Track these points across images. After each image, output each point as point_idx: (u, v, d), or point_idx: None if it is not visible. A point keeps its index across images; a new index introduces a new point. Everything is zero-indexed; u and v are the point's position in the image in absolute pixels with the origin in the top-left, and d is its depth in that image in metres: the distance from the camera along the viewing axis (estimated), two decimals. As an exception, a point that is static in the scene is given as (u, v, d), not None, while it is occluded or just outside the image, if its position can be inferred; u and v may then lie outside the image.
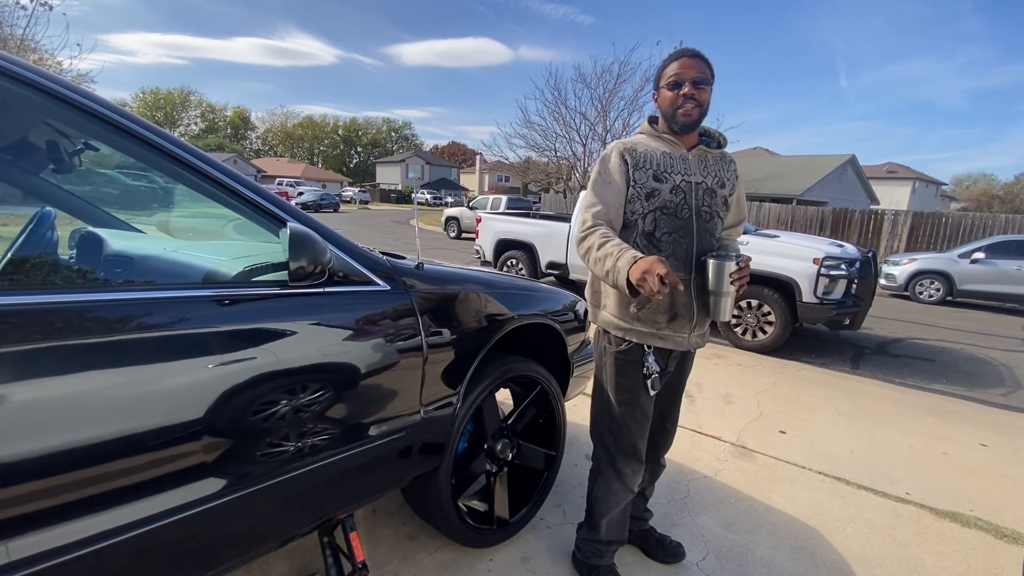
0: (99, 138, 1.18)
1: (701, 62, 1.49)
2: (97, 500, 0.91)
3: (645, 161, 1.54)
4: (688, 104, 1.49)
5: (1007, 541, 2.20)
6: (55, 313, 0.89)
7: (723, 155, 1.64)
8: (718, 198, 1.58)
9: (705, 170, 1.57)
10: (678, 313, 1.56)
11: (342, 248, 1.36)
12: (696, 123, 1.53)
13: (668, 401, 1.76)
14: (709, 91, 1.51)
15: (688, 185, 1.54)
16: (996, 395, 4.34)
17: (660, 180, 1.53)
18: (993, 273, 9.05)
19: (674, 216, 1.53)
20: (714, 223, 1.57)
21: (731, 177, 1.63)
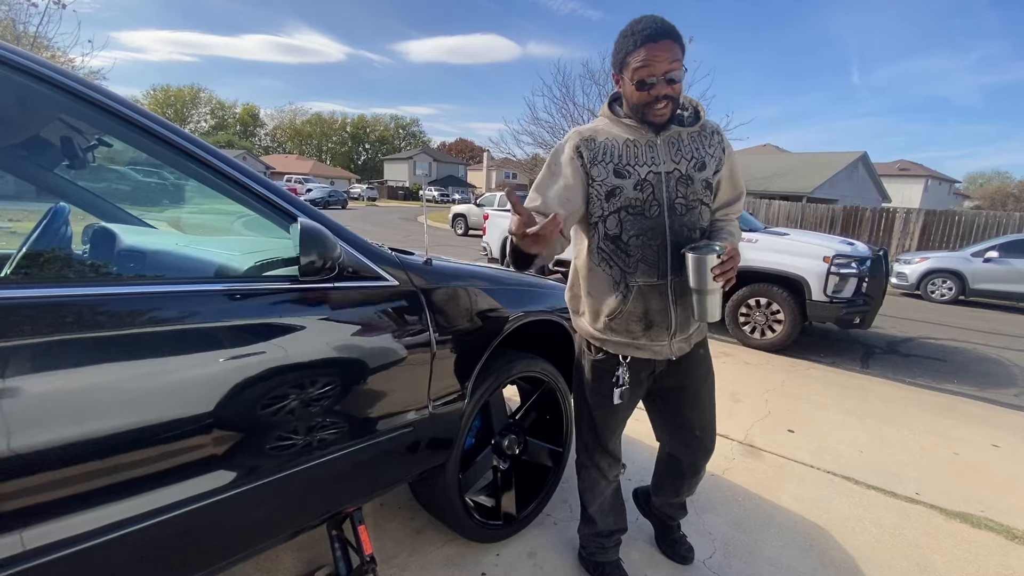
0: (113, 133, 1.19)
1: (671, 44, 1.23)
2: (109, 491, 0.92)
3: (605, 153, 1.36)
4: (662, 103, 1.28)
5: (1018, 542, 2.17)
6: (69, 306, 0.90)
7: (702, 128, 1.41)
8: (696, 184, 1.38)
9: (678, 153, 1.37)
10: (653, 321, 1.43)
11: (352, 244, 1.37)
12: (671, 118, 1.34)
13: (688, 409, 1.61)
14: (683, 75, 1.28)
15: (656, 177, 1.35)
16: (1009, 395, 4.28)
17: (622, 175, 1.35)
18: (1007, 272, 8.92)
19: (641, 215, 1.36)
20: (694, 214, 1.39)
21: (715, 152, 1.41)
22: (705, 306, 1.33)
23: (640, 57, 1.24)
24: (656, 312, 1.42)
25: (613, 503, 1.76)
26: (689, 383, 1.58)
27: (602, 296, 1.47)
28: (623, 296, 1.42)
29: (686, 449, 1.68)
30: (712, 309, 1.33)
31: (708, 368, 1.62)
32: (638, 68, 1.25)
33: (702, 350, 1.59)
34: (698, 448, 1.66)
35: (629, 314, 1.43)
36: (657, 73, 1.25)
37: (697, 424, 1.63)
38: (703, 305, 1.33)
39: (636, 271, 1.40)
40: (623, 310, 1.42)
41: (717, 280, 1.28)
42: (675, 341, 1.48)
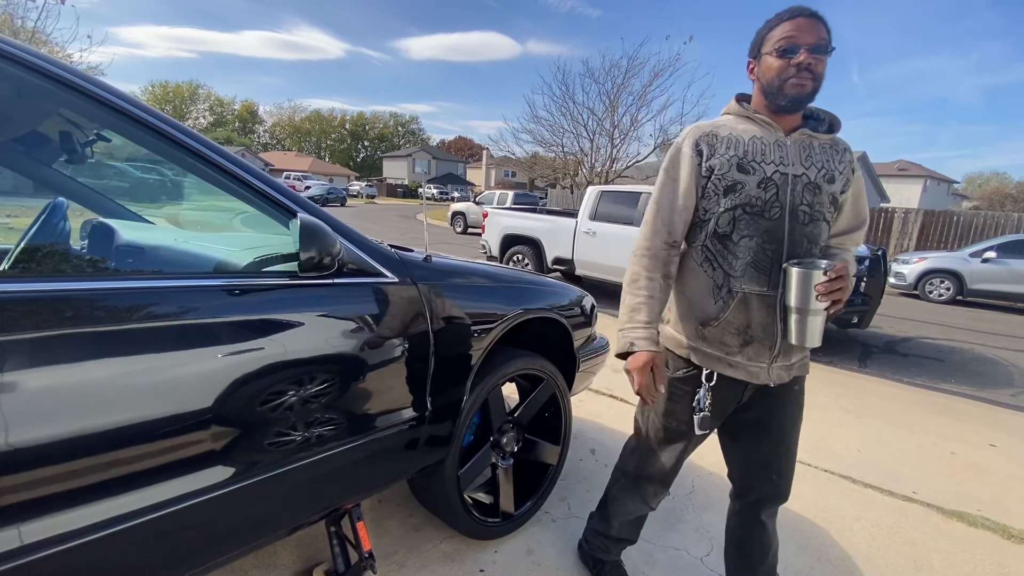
0: (112, 128, 1.19)
1: (821, 25, 1.18)
2: (107, 487, 0.92)
3: (728, 148, 1.27)
4: (803, 75, 1.18)
5: (1015, 541, 2.18)
6: (67, 301, 0.90)
7: (835, 142, 1.30)
8: (823, 196, 1.25)
9: (808, 159, 1.26)
10: (754, 337, 1.28)
11: (351, 240, 1.37)
12: (809, 99, 1.23)
13: (770, 447, 1.43)
14: (826, 62, 1.20)
15: (783, 178, 1.24)
16: (1006, 395, 4.30)
17: (745, 170, 1.24)
18: (1004, 272, 8.94)
19: (760, 216, 1.25)
20: (815, 227, 1.26)
21: (844, 170, 1.29)
22: (805, 329, 1.20)
23: (785, 28, 1.19)
24: (759, 327, 1.27)
25: (637, 519, 1.68)
26: (775, 420, 1.41)
27: (698, 300, 1.34)
28: (723, 302, 1.29)
29: (759, 491, 1.49)
30: (813, 333, 1.19)
31: (800, 409, 1.43)
32: (781, 38, 1.19)
33: (798, 386, 1.40)
34: (774, 494, 1.47)
35: (727, 324, 1.29)
36: (803, 42, 1.17)
37: (775, 467, 1.44)
38: (803, 327, 1.20)
39: (743, 276, 1.26)
40: (721, 319, 1.29)
41: (821, 300, 1.16)
42: (775, 366, 1.31)
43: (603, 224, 6.49)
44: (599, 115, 17.66)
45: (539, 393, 2.03)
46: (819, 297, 1.15)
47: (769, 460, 1.44)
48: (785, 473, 1.46)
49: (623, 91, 17.22)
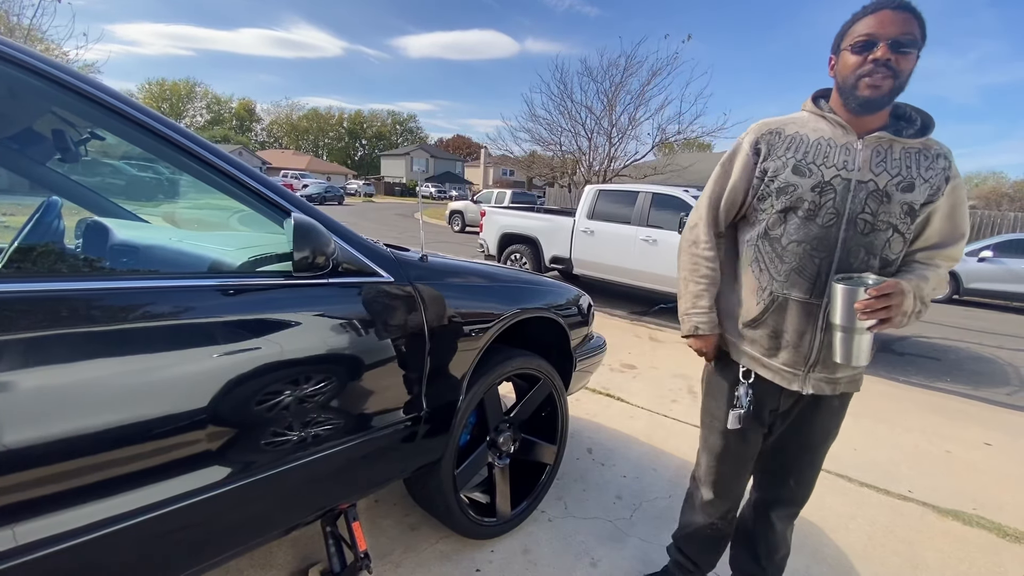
0: (105, 127, 1.18)
1: (910, 17, 1.08)
2: (100, 487, 0.92)
3: (788, 148, 1.23)
4: (879, 73, 1.09)
5: (1010, 540, 2.19)
6: (61, 301, 0.90)
7: (926, 147, 1.19)
8: (894, 204, 1.16)
9: (881, 164, 1.17)
10: (788, 343, 1.26)
11: (346, 239, 1.36)
12: (885, 100, 1.14)
13: (793, 451, 1.41)
14: (913, 59, 1.10)
15: (844, 183, 1.17)
16: (1001, 394, 4.31)
17: (801, 173, 1.21)
18: (1001, 272, 8.97)
19: (810, 221, 1.20)
20: (879, 237, 1.18)
21: (933, 178, 1.17)
22: (849, 347, 1.14)
23: (867, 22, 1.11)
24: (794, 333, 1.25)
25: (703, 541, 1.61)
26: (807, 428, 1.38)
27: (744, 298, 1.34)
28: (764, 304, 1.28)
29: (774, 491, 1.49)
30: (858, 352, 1.14)
31: (836, 425, 1.39)
32: (862, 33, 1.11)
33: (838, 402, 1.35)
34: (788, 498, 1.46)
35: (764, 326, 1.29)
36: (884, 36, 1.08)
37: (794, 473, 1.43)
38: (847, 345, 1.15)
39: (787, 281, 1.24)
40: (761, 320, 1.29)
41: (863, 319, 1.10)
42: (813, 376, 1.27)
43: (601, 223, 6.49)
44: (597, 114, 17.63)
45: (536, 393, 2.03)
46: (860, 316, 1.10)
47: (790, 464, 1.43)
48: (804, 481, 1.44)
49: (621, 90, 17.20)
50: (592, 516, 2.13)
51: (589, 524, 2.07)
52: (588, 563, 1.85)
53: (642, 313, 6.35)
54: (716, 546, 1.64)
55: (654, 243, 5.80)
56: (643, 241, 5.92)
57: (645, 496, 2.30)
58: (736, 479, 1.50)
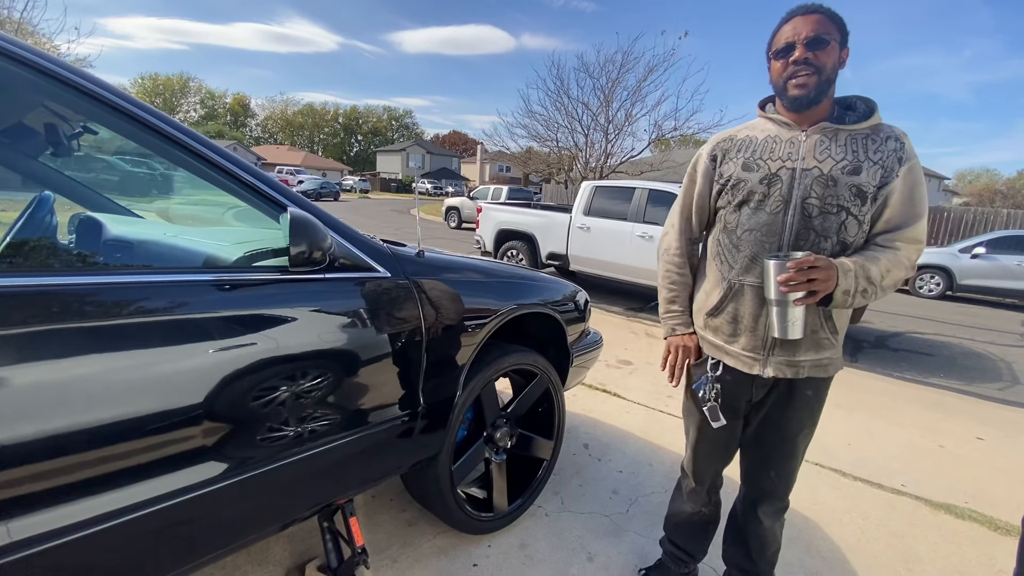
0: (98, 120, 1.17)
1: (821, 16, 1.18)
2: (95, 483, 0.91)
3: (739, 150, 1.33)
4: (802, 72, 1.19)
5: (1001, 533, 2.21)
6: (53, 296, 0.89)
7: (874, 131, 1.24)
8: (841, 188, 1.21)
9: (825, 152, 1.23)
10: (746, 327, 1.32)
11: (343, 234, 1.36)
12: (814, 96, 1.21)
13: (771, 442, 1.44)
14: (833, 51, 1.19)
15: (789, 173, 1.25)
16: (993, 390, 4.35)
17: (750, 168, 1.30)
18: (993, 268, 9.04)
19: (760, 210, 1.28)
20: (830, 220, 1.23)
21: (883, 160, 1.21)
22: (784, 320, 1.19)
23: (785, 31, 1.22)
24: (748, 316, 1.31)
25: (691, 528, 1.67)
26: (783, 419, 1.41)
27: (708, 291, 1.41)
28: (723, 293, 1.35)
29: (757, 485, 1.52)
30: (791, 326, 1.18)
31: (810, 415, 1.41)
32: (781, 40, 1.22)
33: (811, 391, 1.37)
34: (771, 491, 1.49)
35: (725, 314, 1.35)
36: (799, 38, 1.18)
37: (774, 465, 1.46)
38: (782, 319, 1.19)
39: (742, 268, 1.31)
40: (720, 308, 1.36)
41: (786, 291, 1.15)
42: (773, 359, 1.31)
43: (597, 219, 6.49)
44: (594, 110, 17.61)
45: (533, 388, 2.03)
46: (783, 288, 1.14)
47: (769, 456, 1.46)
48: (783, 473, 1.46)
49: (617, 86, 17.17)
50: (589, 511, 2.14)
51: (585, 519, 2.08)
52: (585, 558, 1.86)
53: (638, 309, 6.37)
54: (704, 533, 1.68)
55: (650, 239, 5.81)
56: (639, 237, 5.93)
57: (641, 491, 2.31)
58: (715, 467, 1.58)
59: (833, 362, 1.35)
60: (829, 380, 1.39)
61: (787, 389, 1.37)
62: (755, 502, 1.53)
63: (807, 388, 1.36)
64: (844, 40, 1.21)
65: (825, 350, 1.30)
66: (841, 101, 1.31)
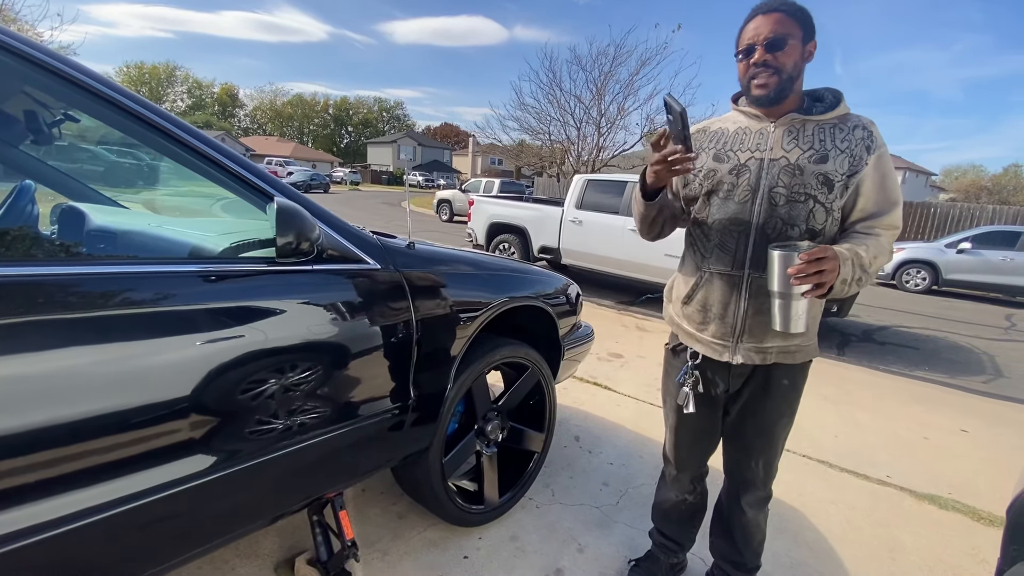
0: (81, 108, 1.14)
1: (781, 15, 1.20)
2: (80, 477, 0.90)
3: (711, 141, 1.37)
4: (763, 73, 1.22)
5: (984, 523, 2.26)
6: (36, 286, 0.87)
7: (842, 120, 1.26)
8: (808, 176, 1.23)
9: (793, 142, 1.26)
10: (716, 314, 1.34)
11: (331, 225, 1.34)
12: (776, 95, 1.24)
13: (749, 432, 1.45)
14: (794, 50, 1.20)
15: (757, 163, 1.28)
16: (977, 383, 4.43)
17: (720, 159, 1.34)
18: (978, 263, 9.18)
19: (729, 200, 1.31)
20: (798, 208, 1.25)
21: (853, 149, 1.23)
22: (787, 313, 1.17)
23: (746, 31, 1.24)
24: (718, 303, 1.33)
25: (678, 516, 1.69)
26: (761, 408, 1.41)
27: (684, 280, 1.45)
28: (695, 281, 1.39)
29: (739, 474, 1.53)
30: (794, 318, 1.17)
31: (788, 405, 1.41)
32: (744, 42, 1.24)
33: (787, 380, 1.37)
34: (752, 481, 1.49)
35: (696, 302, 1.39)
36: (758, 39, 1.21)
37: (754, 455, 1.46)
38: (784, 312, 1.18)
39: (712, 257, 1.34)
40: (692, 296, 1.39)
41: (796, 284, 1.12)
42: (742, 345, 1.33)
43: (589, 213, 6.49)
44: (586, 103, 17.56)
45: (524, 381, 2.03)
46: (794, 281, 1.12)
47: (750, 446, 1.46)
48: (763, 463, 1.47)
49: (610, 79, 17.13)
50: (579, 503, 2.15)
51: (576, 511, 2.09)
52: (575, 549, 1.87)
53: (629, 303, 6.39)
54: (691, 521, 1.70)
55: (642, 233, 5.81)
56: (631, 231, 5.92)
57: (631, 482, 2.33)
58: (694, 453, 1.58)
59: (803, 349, 1.35)
60: (804, 368, 1.40)
61: (764, 379, 1.38)
62: (738, 492, 1.54)
63: (783, 377, 1.37)
64: (808, 34, 1.23)
65: (792, 337, 1.30)
66: (811, 93, 1.33)
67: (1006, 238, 9.34)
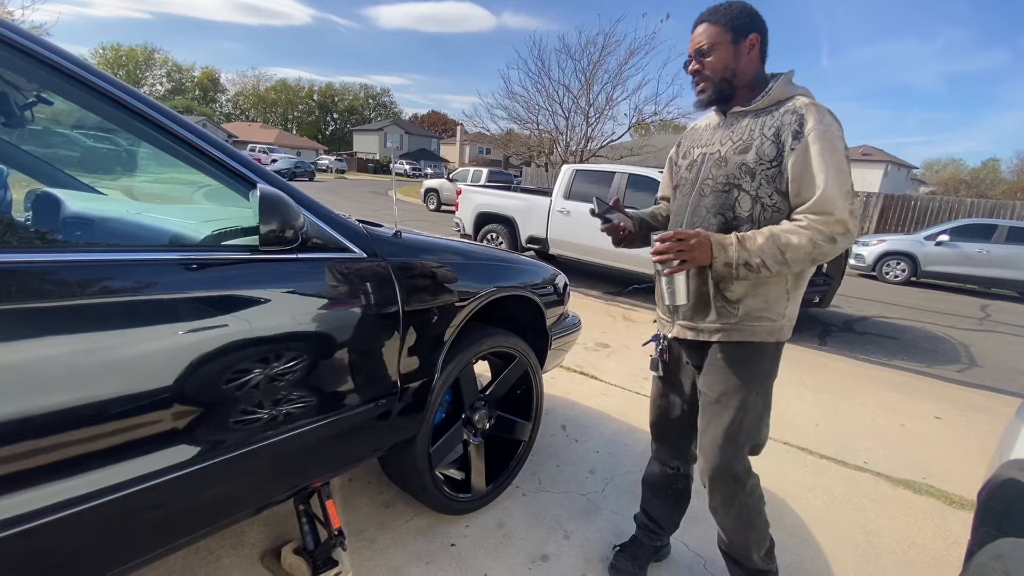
0: (54, 90, 1.10)
1: (704, 25, 1.31)
2: (60, 468, 0.88)
3: (687, 139, 1.52)
4: (696, 82, 1.36)
5: (955, 506, 2.33)
6: (9, 274, 0.84)
7: (778, 106, 1.28)
8: (731, 166, 1.30)
9: (728, 136, 1.34)
10: (660, 296, 1.46)
11: (316, 213, 1.32)
12: (715, 98, 1.36)
13: (700, 415, 1.47)
14: (722, 53, 1.30)
15: (702, 157, 1.40)
16: (952, 371, 4.55)
17: (685, 156, 1.48)
18: (956, 255, 9.39)
19: (680, 192, 1.45)
20: (721, 199, 1.32)
21: (779, 135, 1.24)
22: (666, 287, 1.30)
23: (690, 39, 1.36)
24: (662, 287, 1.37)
25: (664, 497, 1.71)
26: (705, 387, 1.43)
27: None
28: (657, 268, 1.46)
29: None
30: (670, 292, 1.29)
31: (732, 386, 1.37)
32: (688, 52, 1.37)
33: (721, 354, 1.38)
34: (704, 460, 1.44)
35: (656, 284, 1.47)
36: (690, 51, 1.34)
37: (705, 429, 1.43)
38: (665, 286, 1.30)
39: None
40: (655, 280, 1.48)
41: (656, 260, 1.27)
42: (678, 322, 1.45)
43: (577, 203, 6.49)
44: (575, 93, 17.51)
45: (511, 371, 2.04)
46: (655, 258, 1.26)
47: (702, 423, 1.44)
48: (709, 439, 1.41)
49: (599, 69, 17.09)
50: (565, 490, 2.17)
51: (562, 498, 2.12)
52: (561, 536, 1.89)
53: (616, 293, 6.42)
54: (676, 505, 1.73)
55: (629, 224, 5.82)
56: (618, 221, 5.95)
57: (617, 470, 2.36)
58: (667, 424, 1.63)
59: (742, 330, 1.34)
60: (747, 349, 1.36)
61: (706, 355, 1.43)
62: (702, 473, 1.48)
63: (718, 352, 1.39)
64: (740, 31, 1.30)
65: (725, 317, 1.35)
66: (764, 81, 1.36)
67: (982, 231, 9.56)
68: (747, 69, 1.33)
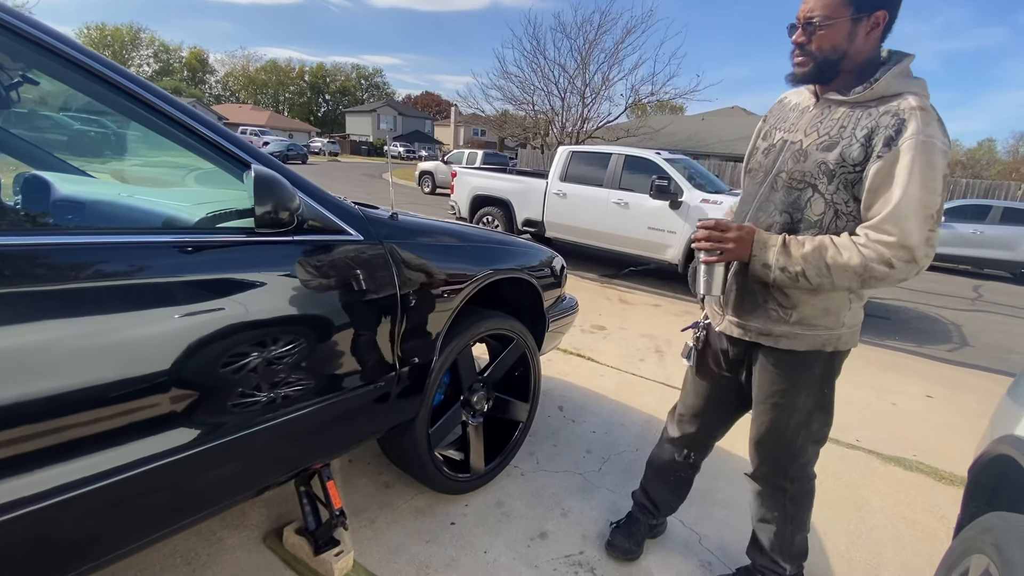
0: (40, 69, 1.07)
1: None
2: (58, 451, 0.88)
3: (773, 114, 1.37)
4: (795, 54, 1.18)
5: (945, 483, 2.38)
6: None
7: (880, 103, 1.12)
8: (809, 163, 1.17)
9: (814, 125, 1.20)
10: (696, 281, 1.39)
11: (312, 195, 1.31)
12: (813, 78, 1.19)
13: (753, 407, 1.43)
14: (837, 31, 1.11)
15: (783, 143, 1.25)
16: (943, 351, 4.60)
17: (765, 137, 1.34)
18: (950, 236, 9.40)
19: (752, 178, 1.34)
20: (792, 196, 1.20)
21: (870, 137, 1.10)
22: (704, 275, 1.25)
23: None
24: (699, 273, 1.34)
25: (666, 481, 1.71)
26: (756, 387, 1.38)
27: None
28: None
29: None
30: (707, 280, 1.24)
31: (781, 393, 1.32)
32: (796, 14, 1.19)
33: (771, 361, 1.31)
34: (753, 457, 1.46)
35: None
36: (800, 15, 1.15)
37: (754, 428, 1.42)
38: (703, 274, 1.26)
39: None
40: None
41: (696, 247, 1.24)
42: (727, 317, 1.36)
43: (573, 185, 6.45)
44: (571, 73, 17.28)
45: (509, 353, 2.04)
46: (694, 245, 1.24)
47: (753, 420, 1.44)
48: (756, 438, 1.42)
49: (595, 48, 16.85)
50: (563, 470, 2.20)
51: (560, 477, 2.15)
52: (559, 514, 1.92)
53: (612, 276, 6.43)
54: (677, 490, 1.74)
55: (626, 206, 5.81)
56: (615, 204, 5.92)
57: (614, 450, 2.39)
58: (695, 415, 1.58)
59: (791, 337, 1.26)
60: (796, 358, 1.29)
61: (755, 356, 1.36)
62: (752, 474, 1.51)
63: (767, 357, 1.33)
64: (864, 5, 1.09)
65: (776, 323, 1.26)
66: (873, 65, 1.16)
67: (977, 211, 9.59)
68: (860, 51, 1.14)
